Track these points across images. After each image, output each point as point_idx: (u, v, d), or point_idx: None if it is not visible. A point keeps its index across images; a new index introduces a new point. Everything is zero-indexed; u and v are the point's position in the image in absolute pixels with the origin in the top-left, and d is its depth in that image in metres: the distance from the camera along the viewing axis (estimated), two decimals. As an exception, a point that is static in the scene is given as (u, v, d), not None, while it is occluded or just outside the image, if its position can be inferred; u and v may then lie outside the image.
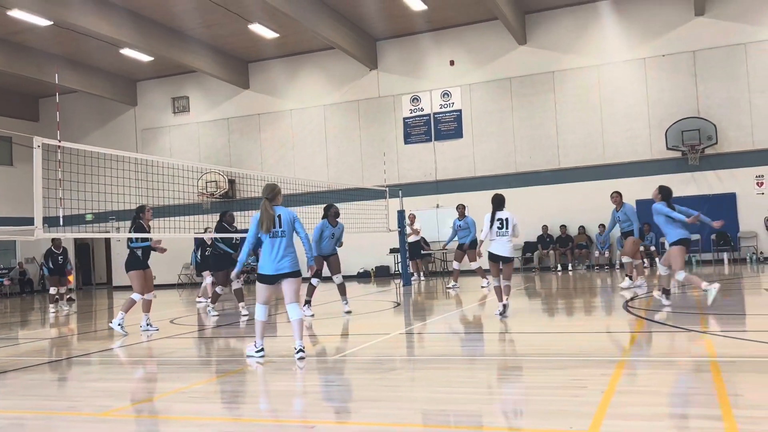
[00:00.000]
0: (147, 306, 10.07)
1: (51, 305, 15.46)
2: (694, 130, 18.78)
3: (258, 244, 7.16)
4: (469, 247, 14.55)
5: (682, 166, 19.35)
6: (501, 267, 9.42)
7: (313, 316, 10.95)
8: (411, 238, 18.48)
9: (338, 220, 11.24)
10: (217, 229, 11.93)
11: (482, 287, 14.55)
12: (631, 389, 5.07)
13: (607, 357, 6.38)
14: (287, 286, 6.93)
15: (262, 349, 7.09)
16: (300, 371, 6.47)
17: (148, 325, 10.06)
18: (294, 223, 7.03)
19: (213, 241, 12.23)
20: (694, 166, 19.15)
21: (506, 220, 9.38)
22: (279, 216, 6.94)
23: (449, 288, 14.83)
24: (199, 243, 15.35)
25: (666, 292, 9.49)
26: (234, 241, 11.70)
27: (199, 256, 15.40)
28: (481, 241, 9.86)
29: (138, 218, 10.05)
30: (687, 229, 9.27)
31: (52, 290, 15.65)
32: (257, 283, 7.06)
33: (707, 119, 18.91)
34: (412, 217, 18.87)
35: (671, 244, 9.29)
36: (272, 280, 6.92)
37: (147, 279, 10.04)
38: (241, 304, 11.58)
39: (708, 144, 18.81)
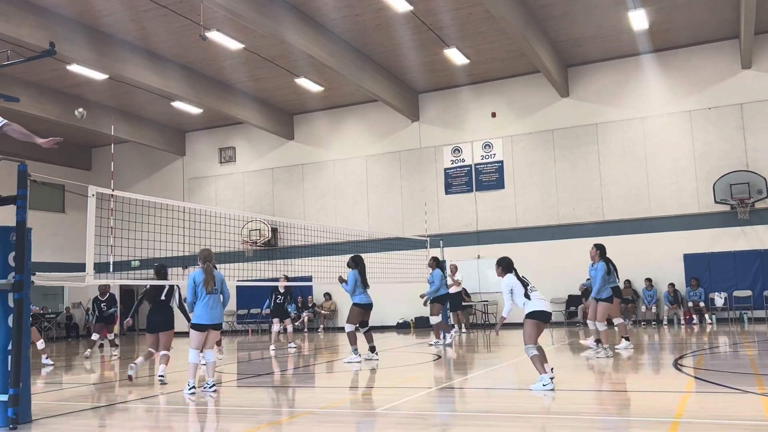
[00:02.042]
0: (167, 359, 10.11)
1: (89, 350, 15.62)
2: (743, 183, 18.37)
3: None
4: (435, 301, 14.42)
5: (731, 220, 18.89)
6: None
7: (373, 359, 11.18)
8: (452, 290, 18.27)
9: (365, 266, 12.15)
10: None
11: (430, 345, 14.33)
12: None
13: (658, 418, 6.14)
14: (212, 335, 8.59)
15: (194, 387, 8.37)
16: (342, 424, 6.37)
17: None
18: (222, 284, 8.68)
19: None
20: (744, 221, 18.66)
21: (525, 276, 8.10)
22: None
23: (431, 344, 14.40)
24: (273, 289, 15.59)
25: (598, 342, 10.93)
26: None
27: (272, 303, 15.56)
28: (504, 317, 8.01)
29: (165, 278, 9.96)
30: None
31: (95, 336, 15.87)
32: (192, 331, 8.46)
33: (756, 172, 18.50)
34: (454, 268, 18.72)
35: (605, 300, 11.01)
36: (205, 328, 8.43)
37: None
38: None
39: (758, 198, 18.35)
